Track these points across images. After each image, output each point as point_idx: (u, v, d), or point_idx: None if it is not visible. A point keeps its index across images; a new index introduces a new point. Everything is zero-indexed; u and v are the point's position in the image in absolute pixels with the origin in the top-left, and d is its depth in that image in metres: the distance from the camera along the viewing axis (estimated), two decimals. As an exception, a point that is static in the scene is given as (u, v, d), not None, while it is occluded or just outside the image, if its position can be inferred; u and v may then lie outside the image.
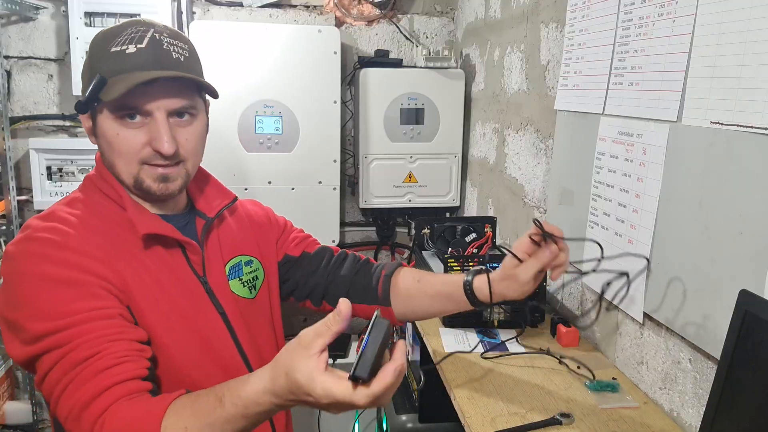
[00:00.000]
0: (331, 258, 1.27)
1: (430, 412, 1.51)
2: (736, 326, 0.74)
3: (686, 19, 0.99)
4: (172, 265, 1.01)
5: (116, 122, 0.95)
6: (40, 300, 0.86)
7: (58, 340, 0.84)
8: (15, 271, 0.89)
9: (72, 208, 0.98)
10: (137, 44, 0.96)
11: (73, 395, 0.82)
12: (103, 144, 0.98)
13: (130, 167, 0.97)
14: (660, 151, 1.06)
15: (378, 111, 2.24)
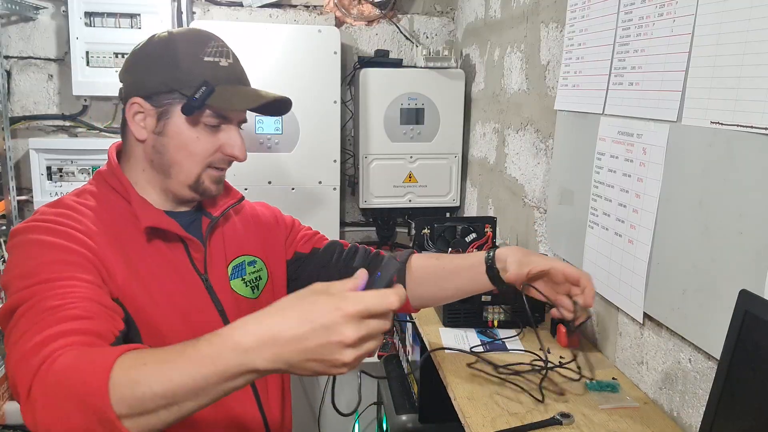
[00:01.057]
0: (342, 252, 1.27)
1: (430, 412, 1.51)
2: (736, 326, 0.74)
3: (686, 19, 0.99)
4: (173, 261, 1.03)
5: (198, 126, 1.01)
6: (29, 260, 0.88)
7: (31, 292, 0.82)
8: (17, 243, 0.92)
9: (80, 198, 1.02)
10: (226, 59, 1.08)
11: (33, 336, 0.75)
12: (170, 143, 1.01)
13: (196, 168, 1.03)
14: (660, 151, 1.06)
15: (378, 111, 2.24)
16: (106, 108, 2.29)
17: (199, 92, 0.98)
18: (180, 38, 1.04)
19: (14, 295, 0.84)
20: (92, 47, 2.13)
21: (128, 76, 1.05)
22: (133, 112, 1.01)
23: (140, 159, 1.04)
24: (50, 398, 0.70)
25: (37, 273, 0.85)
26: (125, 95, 1.04)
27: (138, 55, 1.06)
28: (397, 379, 1.77)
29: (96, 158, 2.22)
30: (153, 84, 1.01)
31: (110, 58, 2.15)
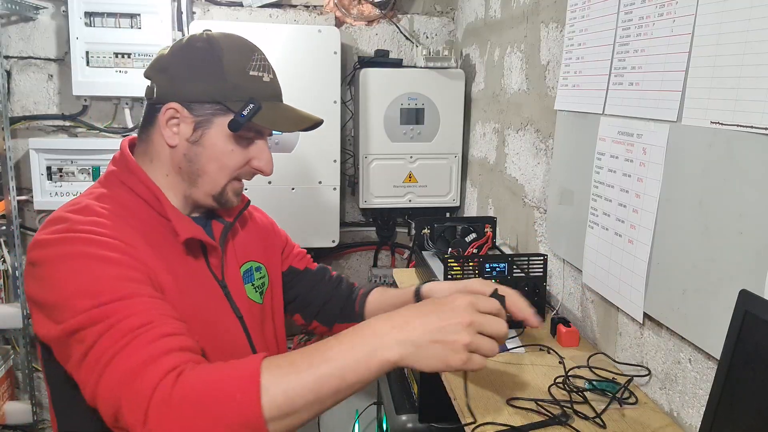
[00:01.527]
0: (330, 278, 1.33)
1: (430, 412, 1.51)
2: (736, 326, 0.74)
3: (686, 19, 0.99)
4: (195, 268, 1.01)
5: (233, 139, 1.01)
6: (83, 277, 0.83)
7: (104, 312, 0.79)
8: (55, 254, 0.86)
9: (104, 203, 0.96)
10: (267, 73, 1.06)
11: (131, 356, 0.75)
12: (204, 153, 1.00)
13: (223, 180, 1.03)
14: (660, 151, 1.06)
15: (378, 111, 2.24)
16: (106, 108, 2.29)
17: (246, 109, 0.98)
18: (225, 47, 1.01)
19: (79, 316, 0.80)
20: (92, 47, 2.13)
21: (164, 77, 1.01)
22: (168, 116, 0.99)
23: (165, 163, 1.02)
24: (180, 416, 0.70)
25: (103, 291, 0.81)
26: (159, 97, 1.00)
27: (179, 58, 1.01)
28: (397, 379, 1.77)
29: (96, 158, 2.22)
30: (195, 93, 0.99)
31: (110, 58, 2.15)
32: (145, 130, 1.03)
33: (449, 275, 1.39)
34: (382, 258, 2.60)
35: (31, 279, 0.89)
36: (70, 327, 0.80)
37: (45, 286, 0.86)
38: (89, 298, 0.81)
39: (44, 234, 0.90)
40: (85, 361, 0.79)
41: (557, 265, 1.53)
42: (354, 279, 2.61)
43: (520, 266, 1.44)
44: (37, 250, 0.89)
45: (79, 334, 0.80)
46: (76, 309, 0.81)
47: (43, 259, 0.87)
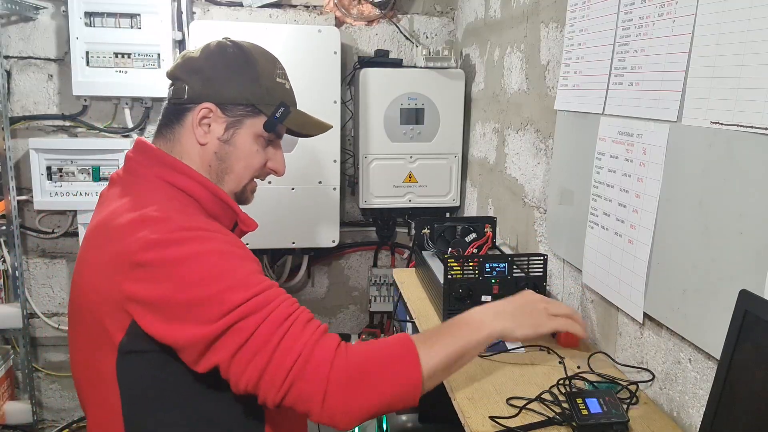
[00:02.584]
0: None
1: (430, 412, 1.51)
2: (736, 326, 0.74)
3: (686, 19, 0.99)
4: None
5: (258, 141, 1.09)
6: (236, 271, 0.90)
7: (258, 303, 0.87)
8: (183, 253, 0.89)
9: (171, 203, 1.00)
10: (287, 81, 1.16)
11: (298, 339, 0.87)
12: (234, 152, 1.07)
13: (246, 179, 1.11)
14: (660, 151, 1.06)
15: (378, 111, 2.24)
16: (106, 108, 2.29)
17: (278, 112, 1.08)
18: (256, 54, 1.11)
19: (237, 309, 0.86)
20: (92, 47, 2.13)
21: (198, 78, 1.05)
22: (201, 116, 1.04)
23: (195, 161, 1.06)
24: (356, 387, 0.87)
25: (249, 284, 0.89)
26: (191, 97, 1.04)
27: (213, 62, 1.06)
28: (397, 379, 1.77)
29: (96, 158, 2.22)
30: (232, 94, 1.05)
31: (110, 58, 2.15)
32: (170, 129, 1.07)
33: (449, 275, 1.39)
34: (382, 258, 2.61)
35: (144, 282, 0.88)
36: (228, 321, 0.86)
37: (191, 283, 0.87)
38: (242, 290, 0.88)
39: (153, 234, 0.90)
40: (242, 351, 0.86)
41: (557, 265, 1.53)
42: (354, 279, 2.62)
43: (520, 266, 1.44)
44: (152, 251, 0.89)
45: (237, 326, 0.86)
46: (233, 302, 0.86)
47: (164, 259, 0.89)
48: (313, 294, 2.62)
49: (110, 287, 0.91)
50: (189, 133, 1.05)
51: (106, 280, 0.92)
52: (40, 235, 2.36)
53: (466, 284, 1.39)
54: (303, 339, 0.87)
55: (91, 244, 1.00)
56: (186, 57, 1.09)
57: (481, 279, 1.39)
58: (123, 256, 0.91)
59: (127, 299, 0.89)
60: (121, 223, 0.95)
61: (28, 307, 2.32)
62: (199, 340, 0.86)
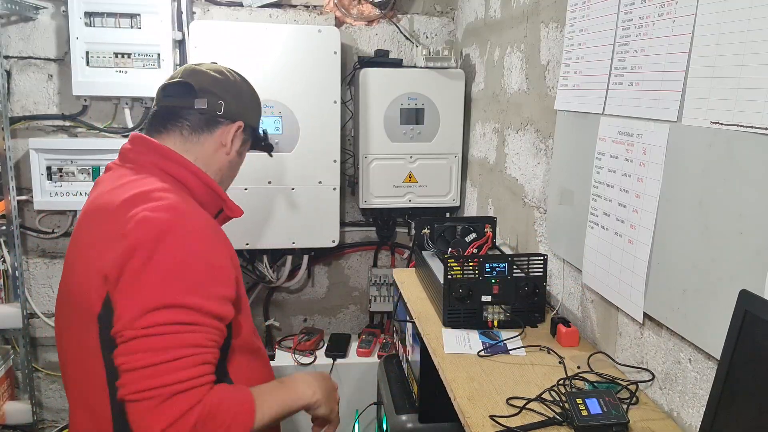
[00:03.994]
0: None
1: (430, 412, 1.51)
2: (736, 326, 0.74)
3: (686, 19, 0.99)
4: None
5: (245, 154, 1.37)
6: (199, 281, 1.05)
7: (182, 326, 1.03)
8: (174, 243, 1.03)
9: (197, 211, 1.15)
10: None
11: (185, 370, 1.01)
12: (238, 162, 1.33)
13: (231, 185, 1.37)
14: (660, 151, 1.06)
15: (378, 111, 2.24)
16: (106, 108, 2.29)
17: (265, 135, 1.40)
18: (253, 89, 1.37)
19: (171, 326, 0.98)
20: (92, 47, 2.13)
21: (231, 98, 1.26)
22: (234, 130, 1.26)
23: (211, 166, 1.25)
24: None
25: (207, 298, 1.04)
26: (227, 114, 1.25)
27: (241, 88, 1.31)
28: (397, 379, 1.77)
29: (96, 158, 2.22)
30: (252, 118, 1.33)
31: (110, 58, 2.15)
32: (194, 133, 1.23)
33: (449, 275, 1.39)
34: (382, 258, 2.61)
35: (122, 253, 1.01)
36: (150, 332, 1.01)
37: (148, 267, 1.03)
38: (190, 301, 1.06)
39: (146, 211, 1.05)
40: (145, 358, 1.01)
41: (557, 265, 1.53)
42: (354, 279, 2.62)
43: (520, 266, 1.44)
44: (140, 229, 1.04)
45: (153, 338, 1.02)
46: (169, 317, 1.03)
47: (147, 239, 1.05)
48: (313, 294, 2.62)
49: (98, 261, 1.02)
50: (215, 142, 1.24)
51: (96, 255, 1.03)
52: (40, 235, 2.36)
53: (466, 284, 1.39)
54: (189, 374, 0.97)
55: (84, 225, 1.13)
56: (222, 76, 1.27)
57: (481, 279, 1.39)
58: (115, 231, 1.02)
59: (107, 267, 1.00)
60: (116, 202, 1.07)
61: (28, 307, 2.32)
62: (122, 327, 0.97)
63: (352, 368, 2.31)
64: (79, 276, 1.09)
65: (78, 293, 1.08)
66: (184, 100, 1.22)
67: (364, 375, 2.29)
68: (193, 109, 1.22)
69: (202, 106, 1.22)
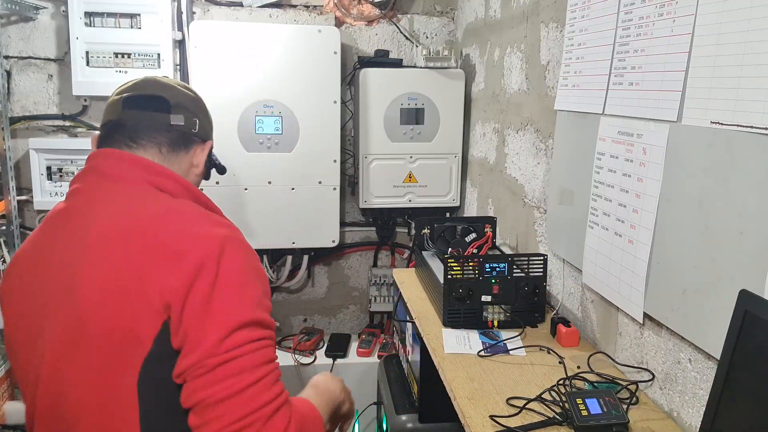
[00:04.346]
0: None
1: (430, 412, 1.51)
2: (736, 326, 0.74)
3: (686, 19, 0.99)
4: None
5: None
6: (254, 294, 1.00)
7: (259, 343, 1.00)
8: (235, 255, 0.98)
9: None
10: None
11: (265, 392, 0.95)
12: (198, 183, 1.21)
13: None
14: (660, 151, 1.06)
15: (378, 111, 2.24)
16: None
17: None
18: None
19: (249, 345, 0.92)
20: (92, 47, 2.13)
21: (203, 116, 1.20)
22: (207, 150, 1.20)
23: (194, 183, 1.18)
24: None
25: (265, 310, 1.02)
26: (201, 132, 1.18)
27: (205, 107, 1.23)
28: (397, 379, 1.77)
29: (96, 158, 2.21)
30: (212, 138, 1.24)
31: (110, 58, 2.15)
32: (174, 153, 1.14)
33: (449, 275, 1.39)
34: (382, 258, 2.61)
35: (186, 273, 0.93)
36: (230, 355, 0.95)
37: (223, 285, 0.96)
38: (261, 318, 1.03)
39: (194, 227, 0.99)
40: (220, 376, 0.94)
41: (557, 265, 1.53)
42: (354, 279, 2.62)
43: (520, 266, 1.44)
44: (201, 245, 0.97)
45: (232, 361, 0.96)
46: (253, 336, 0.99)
47: (212, 255, 0.97)
48: (313, 294, 2.62)
49: (147, 286, 0.91)
50: (188, 161, 1.16)
51: (138, 282, 0.91)
52: (40, 235, 2.36)
53: (466, 284, 1.39)
54: (276, 390, 0.92)
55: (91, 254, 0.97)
56: (195, 96, 1.21)
57: (481, 279, 1.39)
58: (160, 251, 0.93)
59: (165, 290, 0.91)
60: (141, 222, 0.97)
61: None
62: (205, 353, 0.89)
63: (352, 368, 2.31)
64: (105, 310, 0.93)
65: (106, 329, 0.92)
66: (161, 115, 1.12)
67: (364, 375, 2.29)
68: (171, 125, 1.13)
69: (179, 123, 1.14)
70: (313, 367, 2.29)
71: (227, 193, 2.17)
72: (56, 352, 0.96)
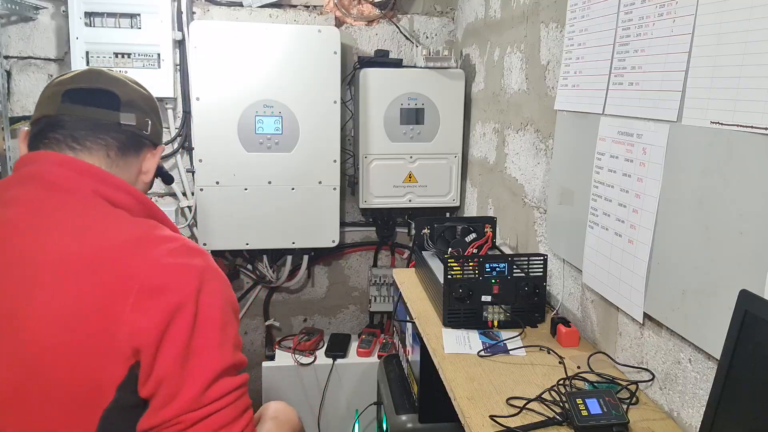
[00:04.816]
0: None
1: (430, 412, 1.51)
2: (736, 326, 0.74)
3: (686, 19, 0.99)
4: None
5: None
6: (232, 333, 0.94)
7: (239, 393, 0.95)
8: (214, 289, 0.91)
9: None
10: None
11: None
12: (145, 191, 1.07)
13: None
14: (660, 151, 1.06)
15: (378, 111, 2.24)
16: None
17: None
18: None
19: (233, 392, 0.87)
20: (92, 47, 2.13)
21: (155, 119, 1.08)
22: (158, 156, 1.07)
23: (135, 185, 1.04)
24: None
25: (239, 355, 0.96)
26: (153, 136, 1.06)
27: (157, 107, 1.10)
28: (397, 379, 1.77)
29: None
30: (156, 131, 1.10)
31: (110, 58, 2.15)
32: (124, 158, 1.00)
33: (449, 275, 1.39)
34: (382, 258, 2.61)
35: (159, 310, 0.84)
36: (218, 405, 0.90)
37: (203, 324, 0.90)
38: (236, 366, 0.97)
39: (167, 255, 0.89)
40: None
41: (557, 265, 1.53)
42: (354, 279, 2.62)
43: (520, 266, 1.44)
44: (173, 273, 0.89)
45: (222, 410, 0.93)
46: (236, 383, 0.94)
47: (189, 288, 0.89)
48: (313, 294, 2.62)
49: (112, 328, 0.80)
50: (138, 167, 1.04)
51: (101, 316, 0.80)
52: (40, 235, 2.36)
53: (466, 284, 1.39)
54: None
55: (43, 284, 0.82)
56: (149, 95, 1.08)
57: (481, 279, 1.39)
58: (129, 285, 0.81)
59: (136, 333, 0.80)
60: (106, 248, 0.84)
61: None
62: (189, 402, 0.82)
63: (352, 368, 2.31)
64: (61, 353, 0.80)
65: (60, 377, 0.80)
66: (109, 113, 0.97)
67: (364, 375, 2.29)
68: (120, 125, 0.98)
69: (130, 123, 0.99)
70: (313, 367, 2.29)
71: (227, 193, 2.17)
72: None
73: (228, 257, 2.45)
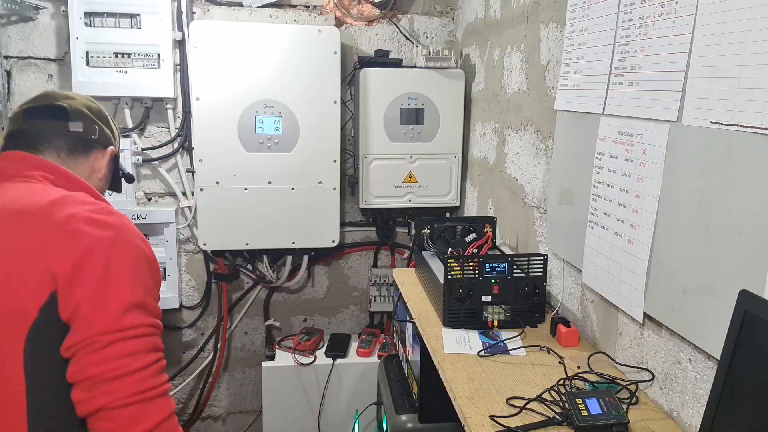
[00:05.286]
0: None
1: (430, 412, 1.51)
2: (736, 326, 0.74)
3: (686, 19, 0.99)
4: None
5: None
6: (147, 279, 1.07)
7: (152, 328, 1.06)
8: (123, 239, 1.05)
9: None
10: None
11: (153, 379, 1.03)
12: (102, 188, 1.27)
13: None
14: (660, 151, 1.06)
15: (378, 111, 2.24)
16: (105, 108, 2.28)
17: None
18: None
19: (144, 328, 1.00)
20: (92, 47, 2.13)
21: (105, 125, 1.27)
22: (108, 156, 1.26)
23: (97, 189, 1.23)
24: None
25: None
26: (101, 139, 1.25)
27: (108, 117, 1.31)
28: (397, 379, 1.77)
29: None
30: (118, 147, 1.32)
31: (110, 58, 2.15)
32: (73, 158, 1.20)
33: (449, 275, 1.39)
34: (382, 258, 2.61)
35: (75, 252, 0.99)
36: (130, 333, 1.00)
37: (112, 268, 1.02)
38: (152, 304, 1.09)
39: (87, 211, 1.05)
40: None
41: (557, 265, 1.53)
42: (354, 279, 2.62)
43: (520, 266, 1.44)
44: (90, 225, 1.03)
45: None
46: (147, 320, 1.04)
47: (100, 236, 1.03)
48: (313, 294, 2.62)
49: (34, 262, 0.97)
50: (89, 166, 1.23)
51: (27, 258, 0.97)
52: (40, 235, 2.36)
53: (466, 284, 1.39)
54: (163, 378, 1.00)
55: None
56: (97, 107, 1.28)
57: (481, 279, 1.40)
58: (52, 230, 0.99)
59: (53, 263, 0.96)
60: (37, 205, 1.03)
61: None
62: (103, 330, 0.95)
63: (352, 368, 2.31)
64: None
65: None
66: (59, 122, 1.19)
67: (364, 375, 2.29)
68: (69, 131, 1.20)
69: (78, 129, 1.21)
70: (313, 367, 2.29)
71: (227, 193, 2.17)
72: None
73: (228, 257, 2.45)
